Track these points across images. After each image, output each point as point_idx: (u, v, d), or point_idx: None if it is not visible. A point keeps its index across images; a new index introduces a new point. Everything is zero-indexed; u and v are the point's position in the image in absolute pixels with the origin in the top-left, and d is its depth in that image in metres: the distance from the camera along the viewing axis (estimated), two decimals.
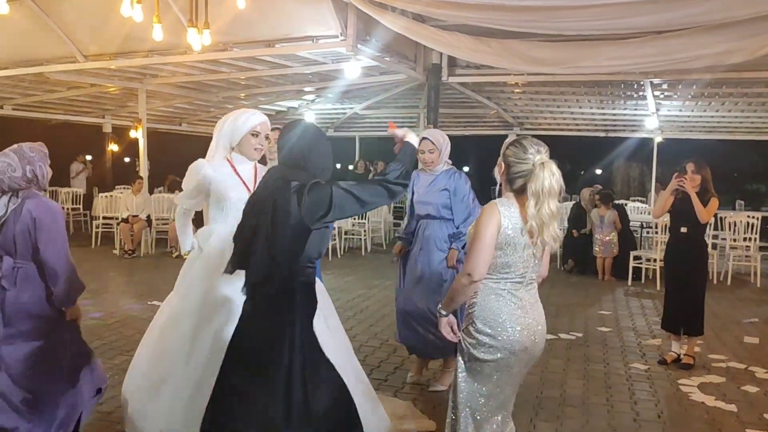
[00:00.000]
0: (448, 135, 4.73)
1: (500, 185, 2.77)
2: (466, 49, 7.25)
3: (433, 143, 4.50)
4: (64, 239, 3.26)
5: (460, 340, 2.73)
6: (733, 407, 4.42)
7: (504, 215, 2.62)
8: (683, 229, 5.27)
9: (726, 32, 5.71)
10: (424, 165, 4.59)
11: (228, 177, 3.47)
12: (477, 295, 2.69)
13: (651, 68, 6.67)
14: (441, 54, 9.93)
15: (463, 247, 4.38)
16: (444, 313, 2.73)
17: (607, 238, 9.52)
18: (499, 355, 2.64)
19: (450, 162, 4.67)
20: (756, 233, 10.26)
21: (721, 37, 5.74)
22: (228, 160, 3.52)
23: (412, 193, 4.71)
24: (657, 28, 6.05)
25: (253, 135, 3.47)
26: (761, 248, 10.36)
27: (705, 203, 5.11)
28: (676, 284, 5.42)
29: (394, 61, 9.33)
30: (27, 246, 3.17)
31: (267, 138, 3.59)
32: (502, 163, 2.72)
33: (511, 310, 2.65)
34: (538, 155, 2.62)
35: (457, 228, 4.50)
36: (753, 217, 10.46)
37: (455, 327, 2.75)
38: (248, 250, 2.52)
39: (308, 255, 2.54)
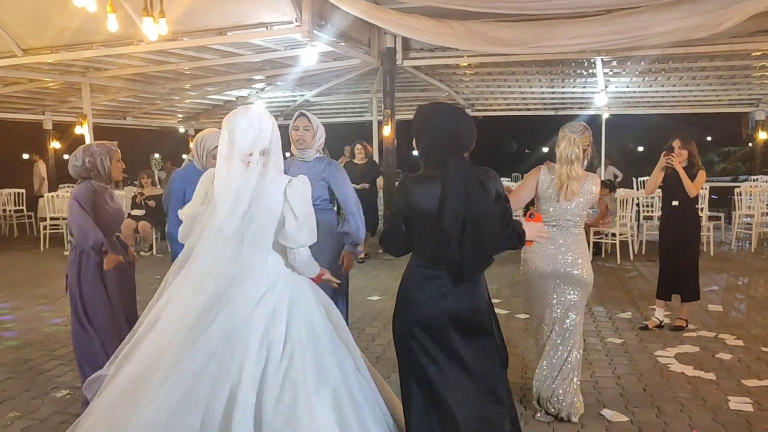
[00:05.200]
0: (400, 119, 4.62)
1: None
2: (428, 32, 7.15)
3: (309, 120, 4.24)
4: (77, 213, 3.80)
5: None
6: (711, 376, 4.54)
7: (543, 174, 3.79)
8: (675, 203, 5.56)
9: (688, 7, 5.79)
10: (296, 144, 4.27)
11: None
12: None
13: (614, 46, 6.71)
14: (395, 38, 9.85)
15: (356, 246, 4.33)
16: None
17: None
18: (525, 277, 3.92)
19: (320, 152, 4.40)
20: (705, 203, 10.60)
21: (683, 12, 5.82)
22: None
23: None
24: (620, 5, 6.10)
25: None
26: (710, 218, 10.70)
27: (693, 176, 5.38)
28: (670, 254, 5.70)
29: (349, 46, 9.20)
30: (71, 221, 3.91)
31: None
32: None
33: (540, 246, 3.71)
34: (570, 132, 3.70)
35: (357, 228, 4.27)
36: (702, 188, 10.75)
37: None
38: (478, 236, 2.65)
39: None
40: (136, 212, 10.61)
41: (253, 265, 2.77)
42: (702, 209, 10.50)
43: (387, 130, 10.29)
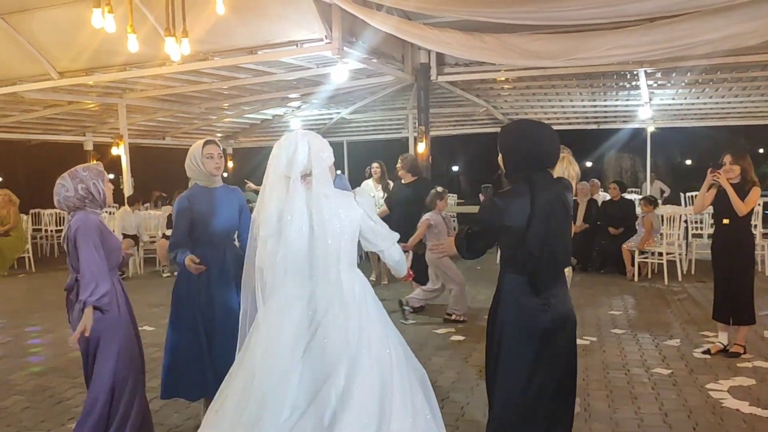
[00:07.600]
0: (437, 135, 4.51)
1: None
2: (459, 46, 6.92)
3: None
4: (92, 247, 3.29)
5: None
6: None
7: None
8: (725, 221, 5.27)
9: (735, 14, 5.43)
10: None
11: None
12: None
13: (657, 57, 6.37)
14: (429, 53, 9.67)
15: None
16: None
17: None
18: None
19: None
20: (759, 219, 10.00)
21: (730, 19, 5.47)
22: None
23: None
24: (662, 13, 5.76)
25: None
26: (764, 235, 10.11)
27: (746, 193, 5.09)
28: (722, 274, 5.42)
29: (382, 62, 9.04)
30: (74, 258, 3.34)
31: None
32: None
33: None
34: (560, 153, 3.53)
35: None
36: (756, 203, 10.12)
37: None
38: (552, 254, 2.79)
39: None
40: (170, 232, 10.53)
41: (338, 289, 2.71)
42: (756, 226, 9.92)
43: (422, 147, 10.08)
